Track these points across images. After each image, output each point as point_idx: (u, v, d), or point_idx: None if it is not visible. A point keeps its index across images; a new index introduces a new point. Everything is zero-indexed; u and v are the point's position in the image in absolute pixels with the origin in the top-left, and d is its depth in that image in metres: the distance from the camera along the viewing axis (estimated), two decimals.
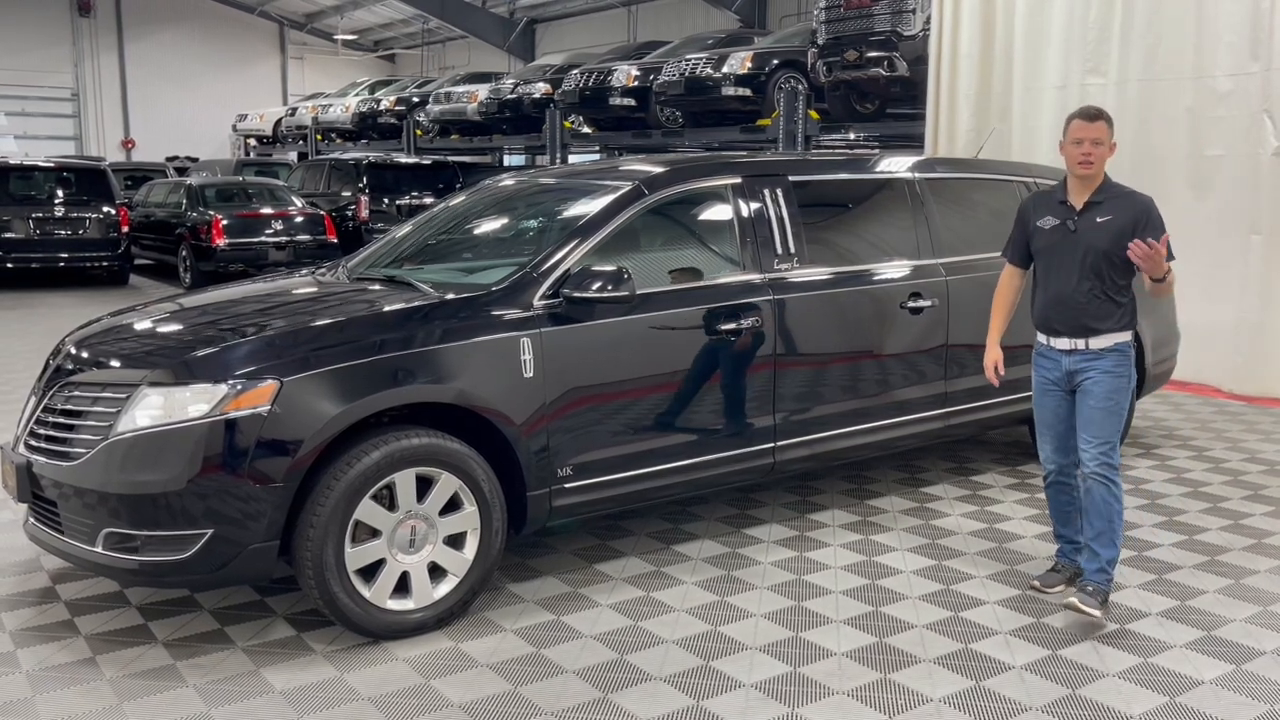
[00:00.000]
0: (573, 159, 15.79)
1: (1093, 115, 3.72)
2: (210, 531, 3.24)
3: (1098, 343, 3.74)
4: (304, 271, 4.92)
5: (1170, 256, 3.64)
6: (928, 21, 9.83)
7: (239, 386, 3.26)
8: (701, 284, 4.28)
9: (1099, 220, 3.73)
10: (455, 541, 3.63)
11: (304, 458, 3.29)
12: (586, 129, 15.88)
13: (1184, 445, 6.15)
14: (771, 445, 4.42)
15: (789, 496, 5.11)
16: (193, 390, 3.28)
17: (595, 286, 3.80)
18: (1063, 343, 3.81)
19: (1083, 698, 3.18)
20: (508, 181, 5.13)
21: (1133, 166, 8.04)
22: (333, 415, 3.31)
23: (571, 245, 3.98)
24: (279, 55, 33.10)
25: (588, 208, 4.23)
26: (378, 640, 3.50)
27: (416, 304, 3.75)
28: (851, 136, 12.60)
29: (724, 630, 3.64)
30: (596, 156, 15.63)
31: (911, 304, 4.83)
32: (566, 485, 3.86)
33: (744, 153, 9.87)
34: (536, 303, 3.81)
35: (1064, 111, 8.48)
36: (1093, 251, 3.73)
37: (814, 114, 11.80)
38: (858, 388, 4.69)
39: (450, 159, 16.38)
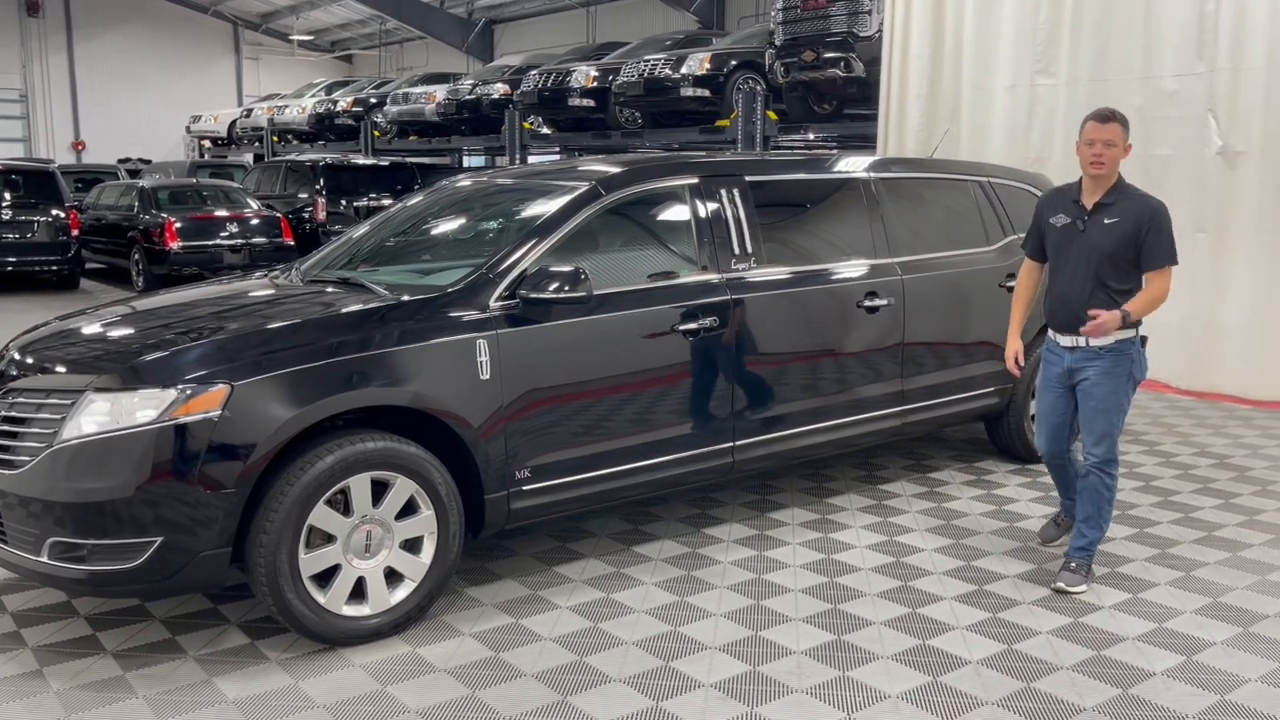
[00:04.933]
0: (532, 160, 15.73)
1: (1106, 117, 3.80)
2: (160, 539, 3.17)
3: (1097, 340, 3.84)
4: (257, 274, 4.85)
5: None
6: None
7: (188, 391, 3.20)
8: (659, 284, 4.27)
9: (1106, 222, 3.82)
10: (412, 546, 3.60)
11: (256, 463, 3.24)
12: (546, 130, 15.83)
13: (1136, 440, 6.25)
14: (730, 445, 4.43)
15: (749, 496, 5.12)
16: (140, 395, 3.22)
17: (552, 287, 3.78)
18: (1066, 339, 3.94)
19: (1037, 691, 3.21)
20: (464, 182, 5.10)
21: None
22: (285, 420, 3.27)
23: (528, 246, 3.95)
24: (233, 56, 32.68)
25: (544, 208, 4.21)
26: (334, 647, 3.46)
27: (371, 306, 3.70)
28: (810, 137, 12.69)
29: (684, 630, 3.63)
30: (557, 157, 15.59)
31: (868, 303, 4.86)
32: (525, 488, 3.84)
33: (703, 153, 9.89)
34: (493, 304, 3.78)
35: (1014, 112, 8.66)
36: (1097, 252, 3.82)
37: (772, 115, 11.86)
38: (815, 387, 4.71)
39: (408, 160, 16.26)
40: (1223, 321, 7.45)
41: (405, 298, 3.76)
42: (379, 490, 3.50)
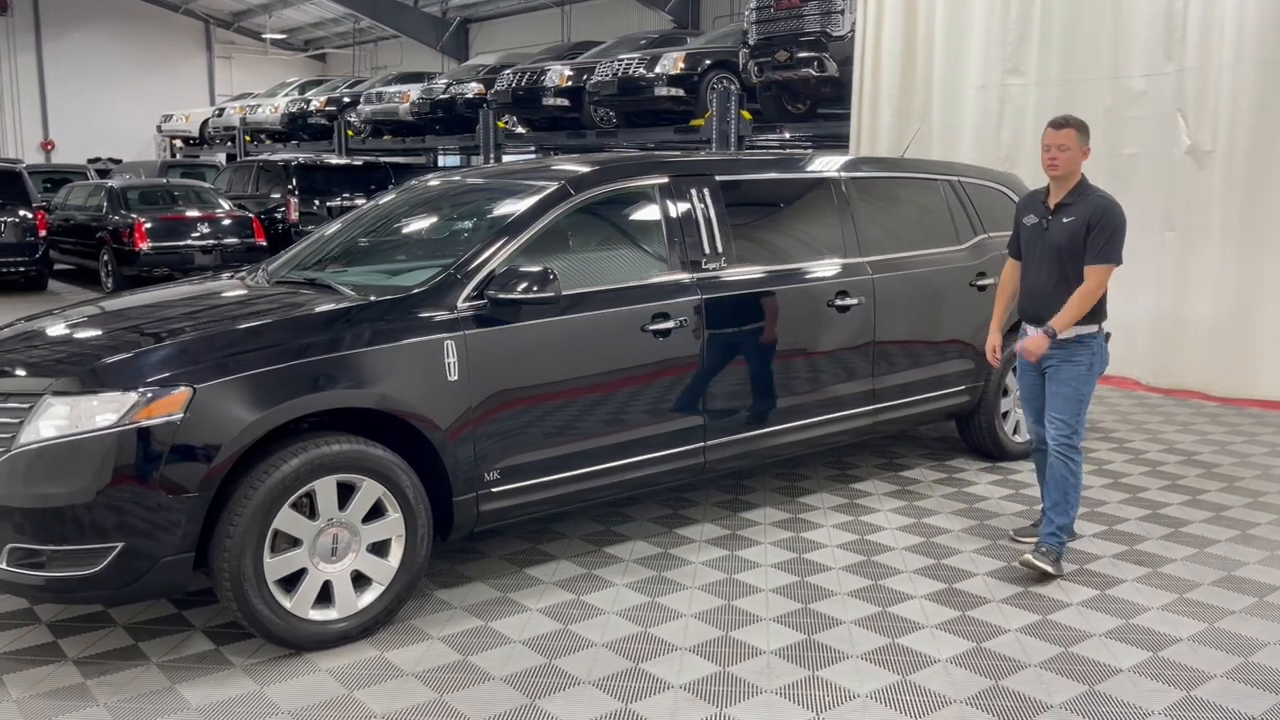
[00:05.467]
0: (507, 159, 15.68)
1: (1060, 124, 4.09)
2: (121, 545, 3.13)
3: (1062, 333, 4.05)
4: (224, 275, 4.80)
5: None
6: None
7: (149, 394, 3.15)
8: (629, 284, 4.25)
9: (1065, 220, 4.08)
10: (379, 549, 3.56)
11: (219, 466, 3.20)
12: (520, 129, 15.78)
13: (1105, 437, 6.29)
14: (702, 445, 4.42)
15: (721, 495, 5.11)
16: (100, 399, 3.17)
17: (520, 287, 3.76)
18: (1034, 331, 4.17)
19: (1005, 688, 3.22)
20: (434, 182, 5.06)
21: None
22: (249, 422, 3.23)
23: (496, 246, 3.93)
24: (205, 54, 32.39)
25: (513, 208, 4.18)
26: (300, 652, 3.42)
27: (337, 307, 3.67)
28: (786, 136, 12.72)
29: (654, 631, 3.62)
30: (532, 156, 15.54)
31: (839, 302, 4.86)
32: (494, 490, 3.81)
33: (678, 153, 9.88)
34: (461, 304, 3.75)
35: (985, 112, 8.71)
36: (1055, 248, 4.09)
37: (746, 114, 11.87)
38: (786, 386, 4.71)
39: (382, 160, 16.17)
40: (1192, 319, 7.52)
41: (372, 299, 3.73)
42: (346, 493, 3.47)
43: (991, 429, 5.64)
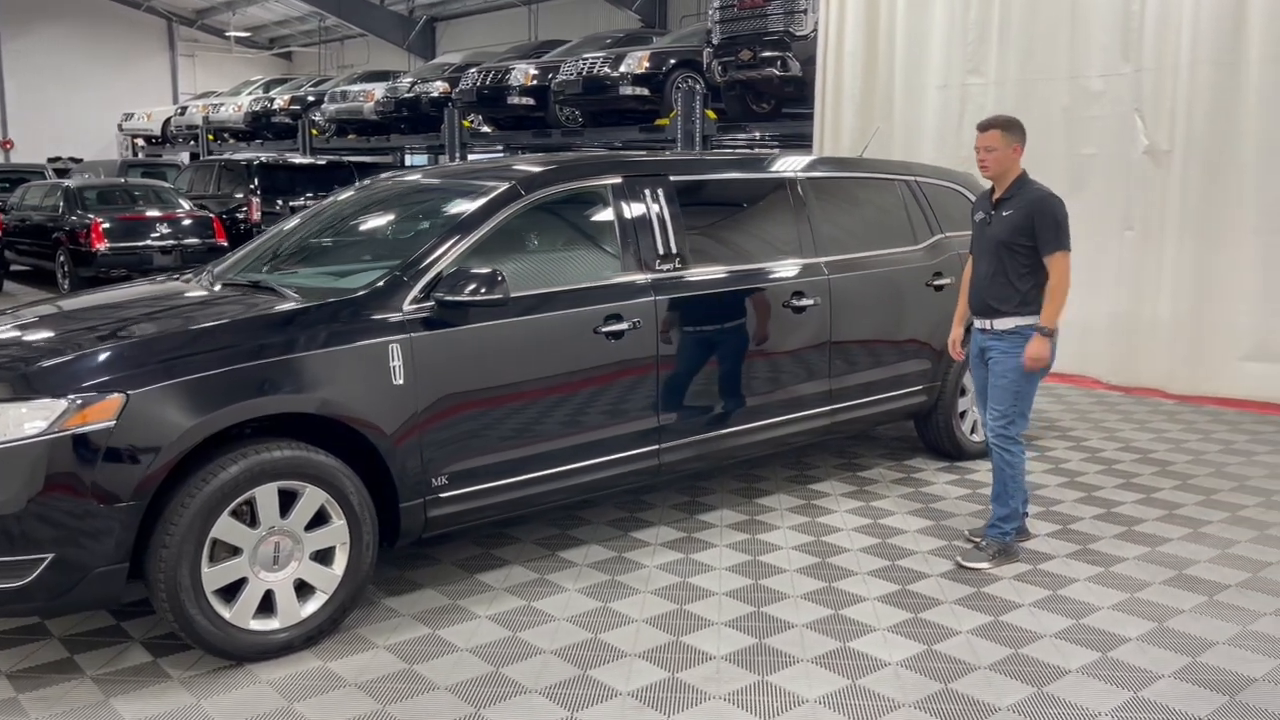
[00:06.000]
0: (473, 158, 15.57)
1: (984, 126, 4.27)
2: (51, 555, 3.04)
3: (1001, 324, 4.24)
4: (169, 277, 4.71)
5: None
6: None
7: (80, 401, 3.07)
8: (581, 285, 4.20)
9: (1004, 215, 4.24)
10: (323, 557, 3.50)
11: (154, 474, 3.11)
12: (486, 128, 15.68)
13: (1063, 436, 6.32)
14: (657, 447, 4.38)
15: (679, 497, 5.08)
16: (30, 406, 3.08)
17: (468, 289, 3.70)
18: (980, 322, 4.35)
19: (955, 692, 3.21)
20: (386, 182, 4.98)
21: None
22: (185, 429, 3.15)
23: (444, 247, 3.87)
24: (168, 52, 31.96)
25: (463, 209, 4.12)
26: (241, 663, 3.34)
27: (279, 310, 3.59)
28: (757, 136, 12.72)
29: (604, 638, 3.57)
30: (500, 155, 15.45)
31: (794, 303, 4.84)
32: (442, 495, 3.75)
33: (643, 152, 9.85)
34: (407, 307, 3.69)
35: (946, 111, 8.74)
36: (996, 242, 4.24)
37: (711, 114, 11.85)
38: (742, 387, 4.68)
39: (346, 159, 15.99)
40: (1150, 317, 7.57)
41: (315, 301, 3.66)
42: (288, 500, 3.40)
43: (949, 428, 5.64)
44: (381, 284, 3.72)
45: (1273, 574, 4.14)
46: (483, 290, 3.70)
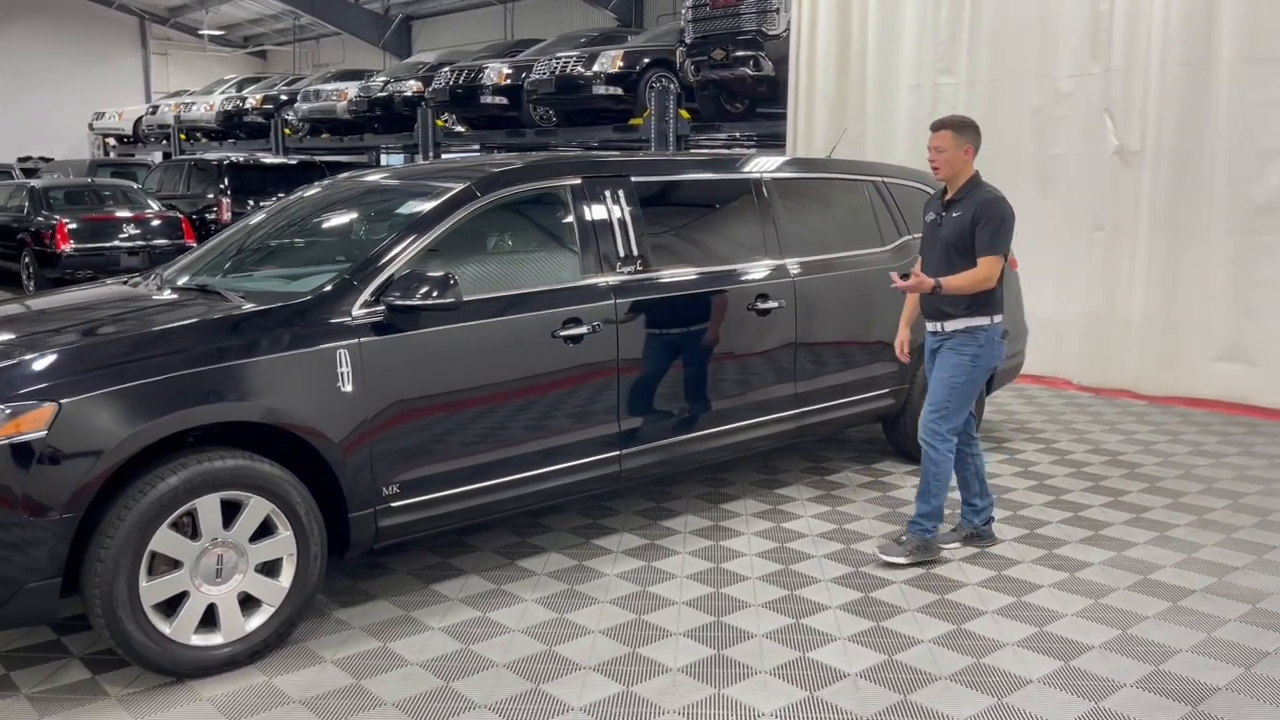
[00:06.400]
0: (448, 158, 15.44)
1: (935, 126, 4.22)
2: None
3: (951, 325, 4.20)
4: (117, 280, 4.59)
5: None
6: None
7: (8, 411, 2.96)
8: (540, 288, 4.12)
9: (954, 216, 4.20)
10: (270, 569, 3.40)
11: (88, 486, 3.01)
12: (459, 128, 15.55)
13: (1033, 438, 6.28)
14: (618, 453, 4.30)
15: (644, 504, 5.00)
16: None
17: (420, 293, 3.61)
18: (931, 325, 4.30)
19: (914, 704, 3.14)
20: (344, 182, 4.88)
21: (983, 165, 8.20)
22: (120, 440, 3.04)
23: (396, 250, 3.77)
24: (140, 51, 31.58)
25: (417, 210, 4.03)
26: (182, 679, 3.24)
27: (223, 315, 3.49)
28: (738, 135, 12.65)
29: (558, 650, 3.49)
30: (477, 154, 15.33)
31: (759, 305, 4.77)
32: (393, 505, 3.66)
33: (615, 152, 9.77)
34: (356, 311, 3.59)
35: (918, 111, 8.69)
36: (945, 243, 4.22)
37: (685, 114, 11.78)
38: (705, 391, 4.60)
39: (318, 159, 15.81)
40: (1120, 318, 7.56)
41: (261, 306, 3.56)
42: (233, 511, 3.29)
43: (916, 431, 5.58)
44: (330, 288, 3.62)
45: (1238, 579, 4.10)
46: (435, 294, 3.61)
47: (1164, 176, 7.30)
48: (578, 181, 4.36)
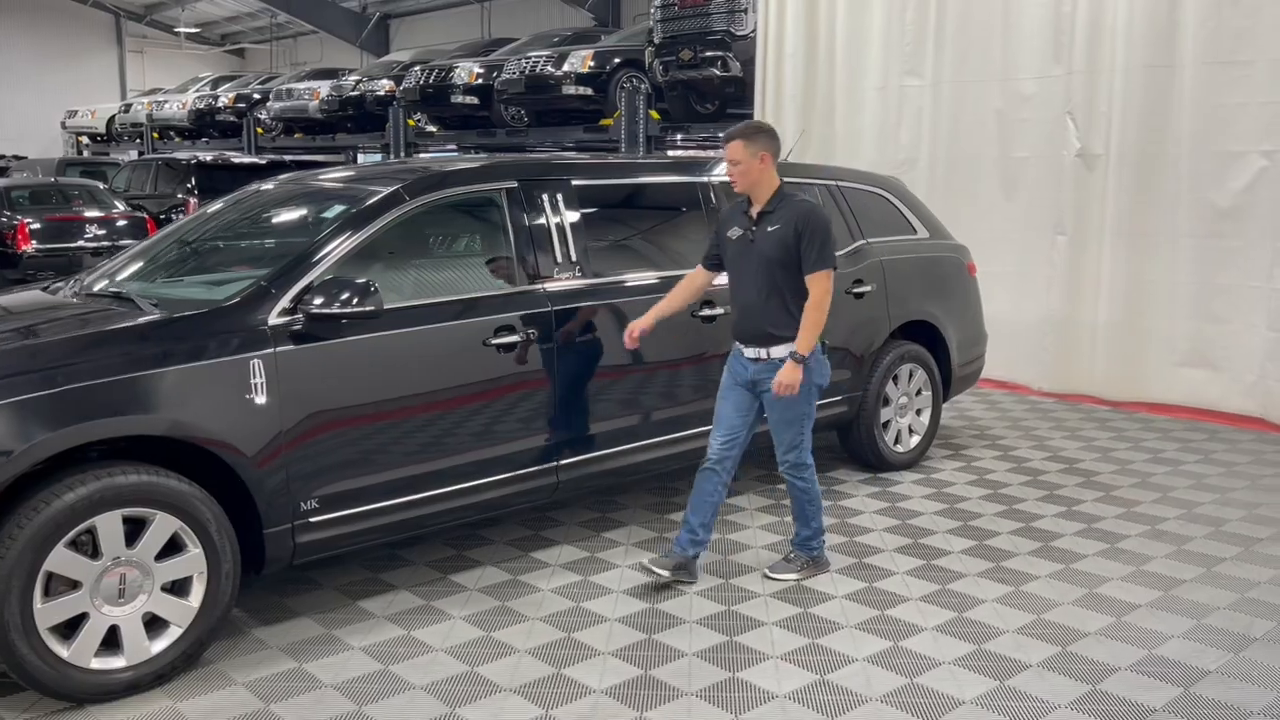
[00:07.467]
0: (423, 157, 15.29)
1: (727, 137, 3.92)
2: None
3: (778, 351, 3.88)
4: (38, 285, 4.45)
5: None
6: None
7: None
8: (470, 295, 4.01)
9: (769, 230, 3.88)
10: (178, 588, 3.27)
11: None
12: (431, 128, 15.40)
13: (992, 445, 6.20)
14: (554, 464, 4.19)
15: (588, 514, 4.89)
16: None
17: (339, 301, 3.49)
18: (750, 351, 3.96)
19: None
20: (272, 185, 4.75)
21: (948, 168, 8.19)
22: (9, 456, 2.91)
23: (317, 255, 3.65)
24: (116, 48, 31.25)
25: (342, 214, 3.90)
26: (81, 705, 3.11)
27: (129, 324, 3.36)
28: (718, 136, 12.52)
29: (481, 671, 3.37)
30: (453, 153, 15.19)
31: (703, 312, 4.66)
32: (312, 520, 3.53)
33: (587, 154, 9.66)
34: (273, 320, 3.46)
35: (885, 113, 8.61)
36: (766, 260, 3.88)
37: (655, 114, 11.67)
38: (646, 400, 4.49)
39: (288, 158, 15.65)
40: (1082, 323, 7.48)
41: (170, 314, 3.42)
42: (138, 528, 3.16)
43: (871, 439, 5.49)
44: (244, 296, 3.49)
45: (1185, 592, 4.02)
46: (355, 301, 3.49)
47: (1126, 180, 7.23)
48: (514, 185, 4.25)
